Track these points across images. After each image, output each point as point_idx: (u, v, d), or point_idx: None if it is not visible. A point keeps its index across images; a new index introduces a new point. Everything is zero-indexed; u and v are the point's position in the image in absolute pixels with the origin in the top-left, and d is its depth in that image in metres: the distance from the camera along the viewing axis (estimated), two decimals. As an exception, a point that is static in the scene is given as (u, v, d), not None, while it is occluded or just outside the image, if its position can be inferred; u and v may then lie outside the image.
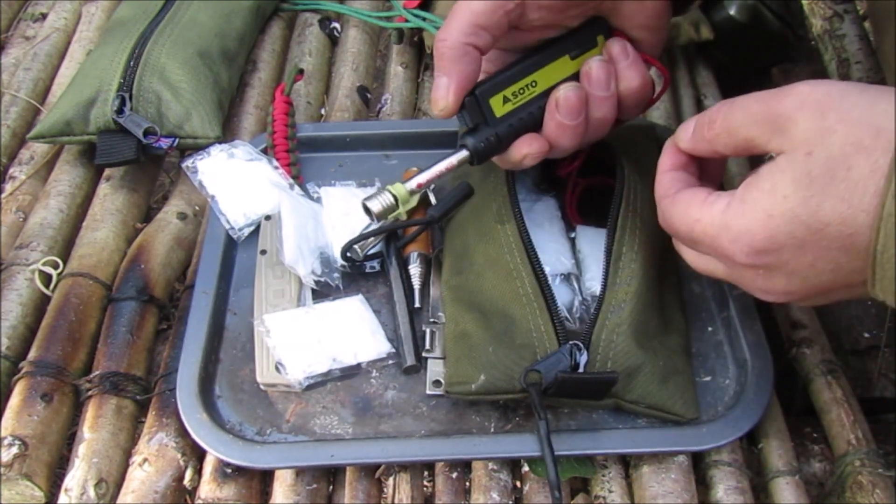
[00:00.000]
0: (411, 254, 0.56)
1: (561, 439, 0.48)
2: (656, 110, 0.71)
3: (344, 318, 0.53)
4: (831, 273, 0.37)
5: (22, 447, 0.48)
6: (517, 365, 0.48)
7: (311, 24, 0.80)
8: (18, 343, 0.55)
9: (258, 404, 0.50)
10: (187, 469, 0.49)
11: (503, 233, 0.52)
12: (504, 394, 0.48)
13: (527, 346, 0.49)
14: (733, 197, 0.39)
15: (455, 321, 0.51)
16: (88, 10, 0.81)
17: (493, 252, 0.52)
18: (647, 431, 0.49)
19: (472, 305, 0.51)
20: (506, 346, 0.49)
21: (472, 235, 0.54)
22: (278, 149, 0.62)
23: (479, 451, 0.48)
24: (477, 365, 0.48)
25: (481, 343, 0.49)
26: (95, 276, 0.57)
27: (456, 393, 0.49)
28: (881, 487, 0.47)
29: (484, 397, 0.48)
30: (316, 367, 0.51)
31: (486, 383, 0.48)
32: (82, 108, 0.62)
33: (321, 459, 0.48)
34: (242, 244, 0.58)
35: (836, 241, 0.36)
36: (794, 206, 0.36)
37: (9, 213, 0.63)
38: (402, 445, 0.48)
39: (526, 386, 0.46)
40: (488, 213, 0.54)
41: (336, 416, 0.50)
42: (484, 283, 0.52)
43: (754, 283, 0.41)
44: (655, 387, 0.48)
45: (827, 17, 0.80)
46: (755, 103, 0.39)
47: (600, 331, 0.49)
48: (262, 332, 0.52)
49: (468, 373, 0.48)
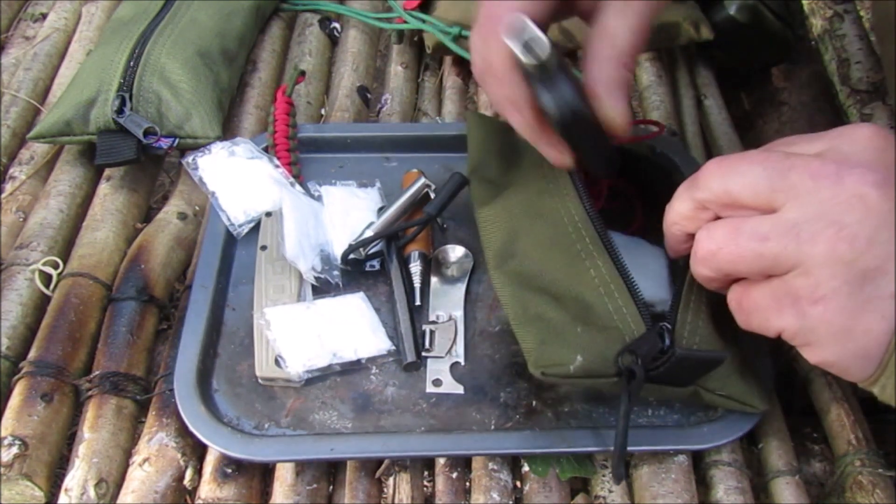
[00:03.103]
0: (412, 252, 0.56)
1: (561, 436, 0.48)
2: (656, 110, 0.71)
3: (345, 314, 0.53)
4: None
5: (22, 447, 0.48)
6: (608, 348, 0.45)
7: (311, 24, 0.80)
8: (18, 343, 0.55)
9: (256, 399, 0.50)
10: (187, 469, 0.49)
11: (564, 212, 0.50)
12: (599, 377, 0.45)
13: (612, 329, 0.46)
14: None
15: (522, 305, 0.48)
16: (88, 10, 0.81)
17: (552, 231, 0.50)
18: (647, 431, 0.49)
19: (537, 288, 0.48)
20: (590, 326, 0.46)
21: (521, 218, 0.51)
22: (279, 148, 0.62)
23: (480, 447, 0.48)
24: (570, 346, 0.45)
25: (566, 325, 0.46)
26: (95, 276, 0.57)
27: (553, 375, 0.45)
28: (881, 487, 0.47)
29: (581, 381, 0.46)
30: (316, 362, 0.51)
31: (583, 365, 0.45)
32: (82, 108, 0.62)
33: (321, 453, 0.47)
34: (242, 241, 0.58)
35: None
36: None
37: (9, 213, 0.63)
38: (402, 440, 0.48)
39: (623, 368, 0.44)
40: (543, 194, 0.52)
41: (335, 411, 0.50)
42: (546, 263, 0.49)
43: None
44: (736, 376, 0.47)
45: (827, 17, 0.80)
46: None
47: (685, 312, 0.47)
48: (262, 325, 0.52)
49: (562, 354, 0.45)
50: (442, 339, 0.53)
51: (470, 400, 0.51)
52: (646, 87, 0.74)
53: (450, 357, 0.52)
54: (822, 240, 0.37)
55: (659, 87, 0.74)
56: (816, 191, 0.38)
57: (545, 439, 0.48)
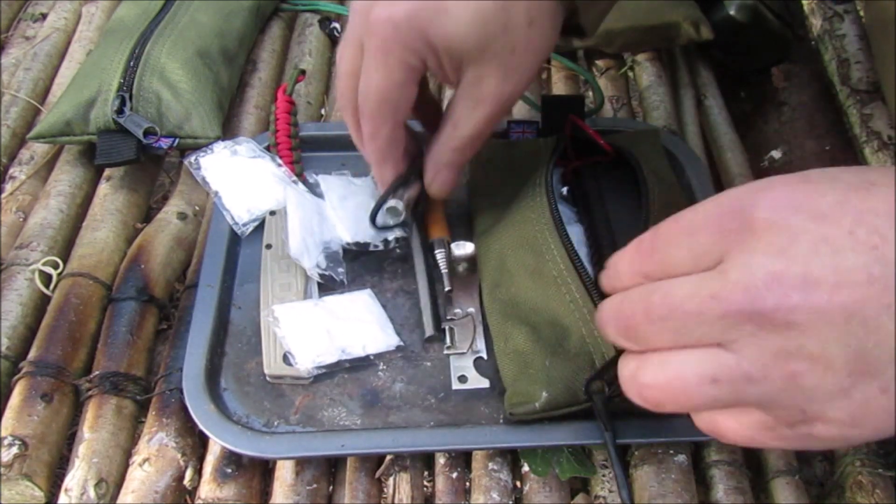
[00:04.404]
0: (435, 239, 0.56)
1: (560, 429, 0.47)
2: (656, 110, 0.71)
3: (353, 310, 0.54)
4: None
5: (22, 447, 0.48)
6: (577, 375, 0.46)
7: (311, 24, 0.80)
8: (18, 343, 0.55)
9: (265, 397, 0.50)
10: (187, 469, 0.49)
11: (542, 239, 0.52)
12: (568, 407, 0.46)
13: (583, 355, 0.47)
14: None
15: (504, 338, 0.50)
16: (88, 10, 0.81)
17: (531, 260, 0.51)
18: (649, 422, 0.48)
19: (519, 318, 0.50)
20: (561, 357, 0.47)
21: (508, 245, 0.53)
22: (281, 147, 0.62)
23: (490, 441, 0.48)
24: (536, 382, 0.47)
25: (536, 358, 0.48)
26: (95, 276, 0.57)
27: (520, 414, 0.47)
28: (881, 487, 0.47)
29: (550, 413, 0.47)
30: (325, 358, 0.51)
31: (549, 400, 0.46)
32: (82, 108, 0.62)
33: (331, 449, 0.47)
34: (246, 240, 0.58)
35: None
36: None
37: (9, 213, 0.63)
38: (412, 435, 0.48)
39: (590, 396, 0.45)
40: (524, 222, 0.53)
41: (344, 408, 0.50)
42: (526, 292, 0.51)
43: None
44: None
45: (827, 17, 0.80)
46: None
47: None
48: (270, 322, 0.52)
49: (529, 392, 0.47)
50: (462, 334, 0.53)
51: (478, 394, 0.50)
52: (646, 88, 0.74)
53: (472, 353, 0.52)
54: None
55: (659, 87, 0.74)
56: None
57: (556, 433, 0.48)
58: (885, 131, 0.68)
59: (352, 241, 0.57)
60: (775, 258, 0.31)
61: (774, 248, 0.31)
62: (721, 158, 0.70)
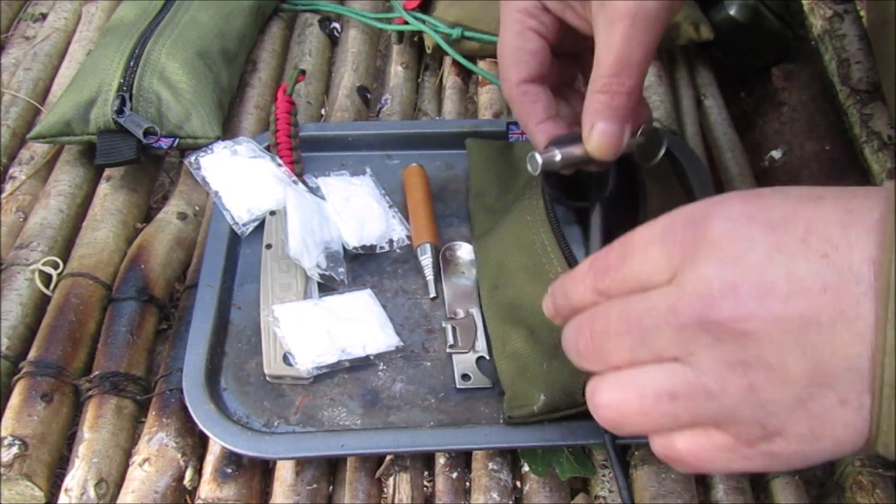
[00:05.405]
0: (421, 245, 0.57)
1: (559, 429, 0.47)
2: (656, 110, 0.71)
3: (353, 310, 0.54)
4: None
5: (22, 447, 0.48)
6: (574, 378, 0.46)
7: (311, 24, 0.80)
8: (18, 343, 0.55)
9: (265, 397, 0.50)
10: (187, 469, 0.49)
11: (540, 241, 0.52)
12: (566, 409, 0.46)
13: None
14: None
15: (503, 340, 0.50)
16: (88, 10, 0.81)
17: (529, 262, 0.51)
18: None
19: (516, 321, 0.50)
20: (559, 359, 0.47)
21: (506, 246, 0.53)
22: (281, 147, 0.62)
23: (490, 441, 0.48)
24: (534, 385, 0.47)
25: (534, 360, 0.48)
26: (95, 276, 0.57)
27: (518, 417, 0.47)
28: (881, 487, 0.47)
29: (548, 416, 0.47)
30: (325, 358, 0.51)
31: (547, 402, 0.46)
32: (82, 109, 0.62)
33: (332, 449, 0.47)
34: (246, 240, 0.58)
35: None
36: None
37: (9, 213, 0.63)
38: (413, 435, 0.48)
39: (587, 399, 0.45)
40: (522, 224, 0.53)
41: (344, 408, 0.50)
42: (525, 294, 0.51)
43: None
44: None
45: (827, 17, 0.80)
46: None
47: None
48: (270, 322, 0.52)
49: (527, 394, 0.47)
50: (464, 334, 0.53)
51: (478, 395, 0.51)
52: (646, 88, 0.74)
53: (473, 352, 0.52)
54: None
55: (659, 87, 0.74)
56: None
57: (556, 433, 0.48)
58: (885, 131, 0.68)
59: (358, 245, 0.57)
60: (730, 267, 0.31)
61: (729, 257, 0.31)
62: (721, 158, 0.70)
